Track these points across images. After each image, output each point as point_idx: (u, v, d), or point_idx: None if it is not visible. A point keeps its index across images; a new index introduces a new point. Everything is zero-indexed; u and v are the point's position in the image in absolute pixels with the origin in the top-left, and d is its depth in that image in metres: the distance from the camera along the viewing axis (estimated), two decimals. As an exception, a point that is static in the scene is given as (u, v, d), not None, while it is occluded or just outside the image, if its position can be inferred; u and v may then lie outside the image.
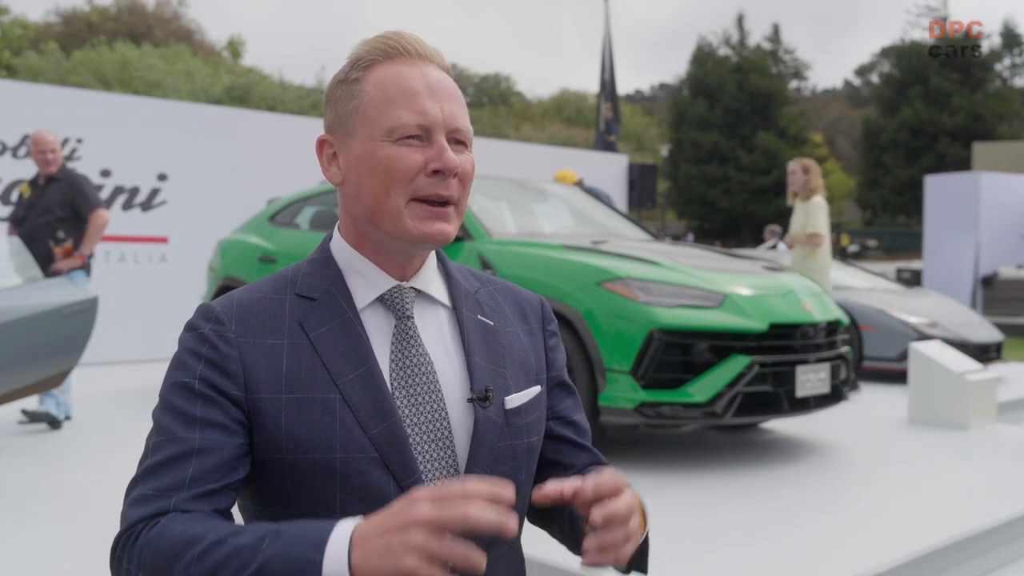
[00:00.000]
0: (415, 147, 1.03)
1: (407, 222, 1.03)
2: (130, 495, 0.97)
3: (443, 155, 1.02)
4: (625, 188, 13.07)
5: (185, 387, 0.99)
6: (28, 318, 4.23)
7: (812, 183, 6.59)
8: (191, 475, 0.95)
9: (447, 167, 1.02)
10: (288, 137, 9.64)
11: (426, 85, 1.04)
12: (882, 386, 7.40)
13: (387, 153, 1.02)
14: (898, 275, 19.81)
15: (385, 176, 1.02)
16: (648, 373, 3.97)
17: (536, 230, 5.16)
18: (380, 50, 1.06)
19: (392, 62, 1.05)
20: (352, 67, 1.07)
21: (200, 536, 0.89)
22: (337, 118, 1.08)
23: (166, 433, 0.98)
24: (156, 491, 0.95)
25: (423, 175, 1.03)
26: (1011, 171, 18.84)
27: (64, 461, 4.53)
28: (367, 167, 1.03)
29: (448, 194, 1.04)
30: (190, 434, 0.97)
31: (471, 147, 1.09)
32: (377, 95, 1.04)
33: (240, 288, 1.09)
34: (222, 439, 0.97)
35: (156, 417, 1.01)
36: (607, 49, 14.66)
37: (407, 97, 1.03)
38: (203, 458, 0.96)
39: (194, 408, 0.98)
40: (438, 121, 1.03)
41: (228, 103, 31.90)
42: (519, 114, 53.04)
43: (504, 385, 1.10)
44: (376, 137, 1.03)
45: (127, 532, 0.94)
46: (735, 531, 3.30)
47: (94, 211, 5.46)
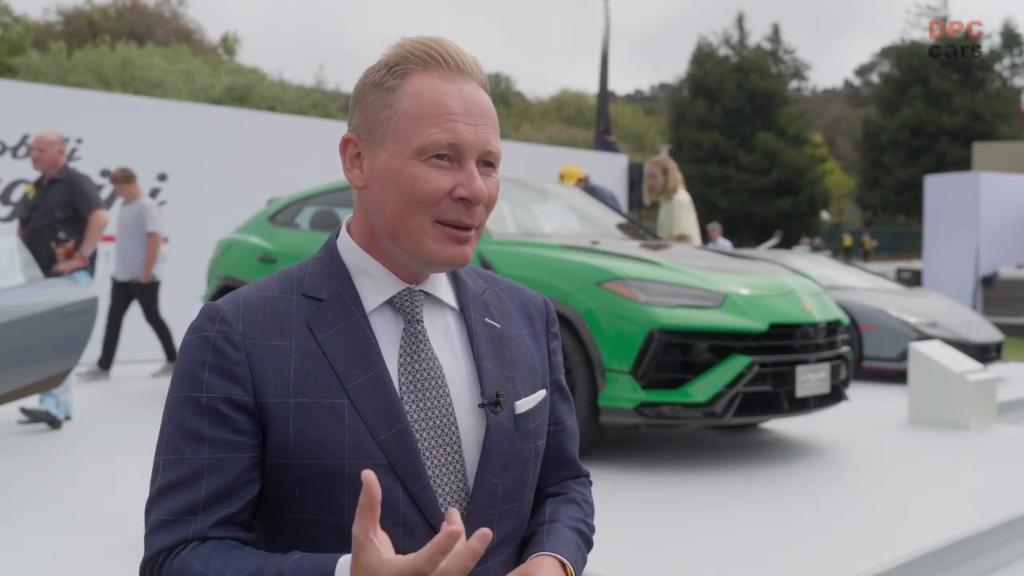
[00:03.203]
0: (444, 169, 1.00)
1: (429, 244, 1.01)
2: (149, 518, 0.99)
3: (472, 183, 1.00)
4: (625, 188, 13.07)
5: (192, 402, 0.99)
6: (28, 318, 4.23)
7: (671, 182, 6.33)
8: (204, 497, 0.96)
9: (475, 196, 1.00)
10: (288, 137, 9.64)
11: (463, 105, 1.01)
12: (882, 386, 7.40)
13: (415, 172, 0.99)
14: (898, 275, 19.82)
15: (410, 195, 1.00)
16: (648, 373, 3.97)
17: (536, 230, 5.16)
18: (419, 57, 1.02)
19: (430, 73, 1.02)
20: (389, 71, 1.03)
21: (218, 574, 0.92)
22: (367, 123, 1.04)
23: (175, 452, 0.98)
24: (173, 515, 0.96)
25: (449, 199, 1.00)
26: (1011, 171, 18.85)
27: (64, 461, 4.53)
28: (392, 183, 1.01)
29: (471, 221, 1.02)
30: (198, 454, 0.97)
31: (498, 167, 1.06)
32: (412, 109, 1.00)
33: (245, 286, 1.07)
34: (231, 456, 0.97)
35: (164, 430, 1.01)
36: (607, 49, 14.66)
37: (442, 116, 0.99)
38: (214, 478, 0.97)
39: (202, 426, 0.98)
40: (471, 144, 1.00)
41: (228, 103, 31.88)
42: (519, 114, 53.03)
43: (513, 390, 1.09)
44: (405, 153, 1.00)
45: (151, 561, 0.97)
46: (735, 531, 3.30)
47: (93, 212, 5.46)
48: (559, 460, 1.21)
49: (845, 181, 52.78)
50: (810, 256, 9.56)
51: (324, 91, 44.82)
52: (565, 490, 1.21)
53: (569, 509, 1.17)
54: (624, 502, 3.62)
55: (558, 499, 1.18)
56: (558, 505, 1.17)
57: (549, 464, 1.20)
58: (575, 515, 1.16)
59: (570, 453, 1.23)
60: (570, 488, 1.21)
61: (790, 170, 42.68)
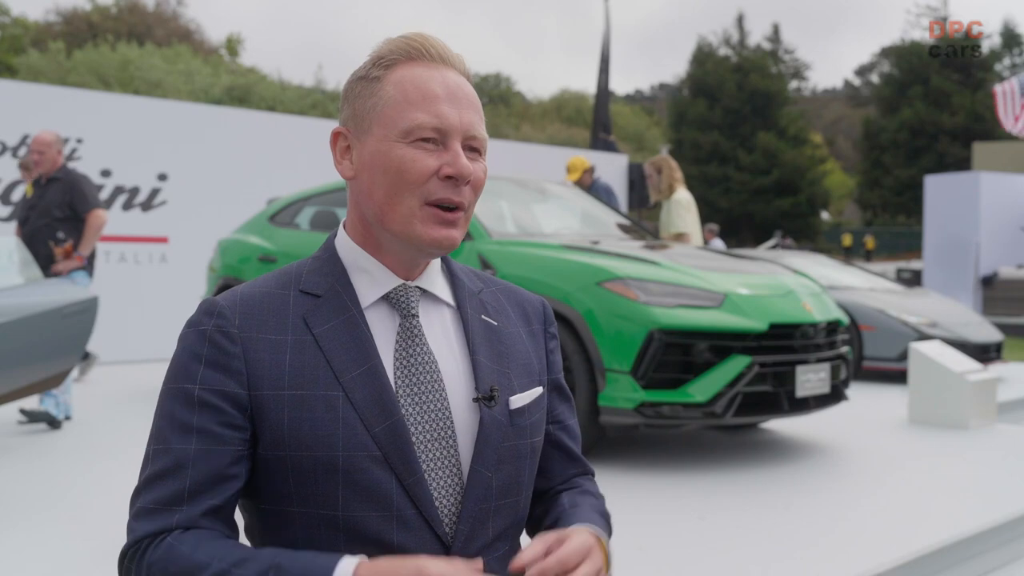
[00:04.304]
0: (429, 151, 1.02)
1: (416, 226, 1.03)
2: (134, 505, 0.99)
3: (457, 161, 1.02)
4: (625, 188, 13.07)
5: (184, 393, 1.00)
6: (28, 318, 4.23)
7: (666, 181, 6.28)
8: (189, 488, 0.96)
9: (460, 173, 1.02)
10: (288, 137, 9.64)
11: (446, 89, 1.04)
12: (882, 386, 7.40)
13: (401, 154, 1.02)
14: (898, 275, 19.83)
15: (398, 177, 1.02)
16: (648, 373, 3.97)
17: (536, 230, 5.16)
18: (403, 50, 1.05)
19: (414, 63, 1.05)
20: (373, 65, 1.07)
21: (204, 565, 0.92)
22: (354, 114, 1.07)
23: (163, 442, 0.99)
24: (157, 504, 0.96)
25: (436, 179, 1.03)
26: (1011, 171, 18.86)
27: (64, 461, 4.53)
28: (380, 167, 1.03)
29: (459, 200, 1.04)
30: (185, 444, 0.98)
31: (485, 156, 1.08)
32: (396, 95, 1.03)
33: (243, 283, 1.09)
34: (218, 449, 0.98)
35: (155, 421, 1.02)
36: (607, 49, 14.64)
37: (426, 100, 1.02)
38: (199, 468, 0.97)
39: (191, 417, 0.99)
40: (455, 126, 1.03)
41: (228, 103, 31.89)
42: (519, 114, 53.04)
43: (508, 385, 1.10)
44: (391, 137, 1.03)
45: (134, 546, 0.96)
46: (735, 531, 3.30)
47: (91, 211, 5.45)
48: (565, 459, 1.23)
49: (845, 181, 52.76)
50: (810, 256, 9.55)
51: (324, 91, 44.83)
52: (576, 485, 1.23)
53: (586, 498, 1.19)
54: (624, 502, 3.62)
55: (573, 491, 1.20)
56: (574, 496, 1.19)
57: (555, 464, 1.22)
58: (593, 503, 1.18)
59: (575, 451, 1.24)
60: (580, 483, 1.23)
61: (790, 170, 42.66)
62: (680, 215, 6.26)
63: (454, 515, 1.03)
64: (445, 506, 1.02)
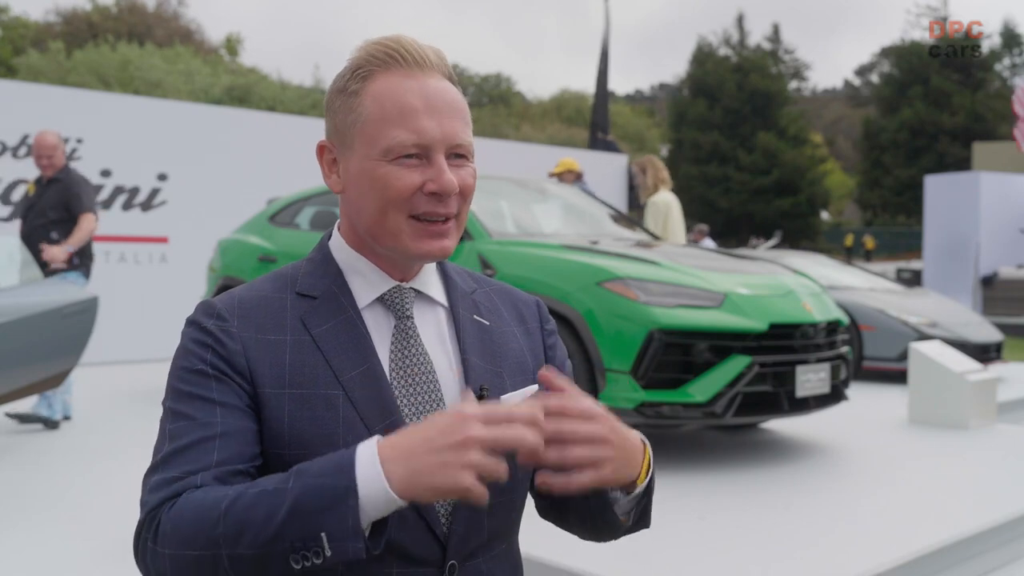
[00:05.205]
0: (412, 167, 1.02)
1: (406, 240, 1.04)
2: (150, 481, 0.96)
3: (441, 177, 1.02)
4: (625, 188, 13.07)
5: (197, 372, 0.99)
6: (28, 318, 4.23)
7: (651, 181, 6.26)
8: (216, 459, 0.95)
9: (444, 190, 1.02)
10: (288, 137, 9.63)
11: (424, 100, 1.02)
12: (882, 386, 7.40)
13: (384, 173, 1.02)
14: (898, 275, 19.84)
15: (382, 195, 1.02)
16: (648, 373, 3.97)
17: (536, 230, 5.16)
18: (379, 58, 1.04)
19: (390, 73, 1.03)
20: (351, 76, 1.05)
21: (222, 496, 0.89)
22: (336, 129, 1.07)
23: (185, 418, 0.97)
24: (181, 474, 0.94)
25: (421, 194, 1.02)
26: (1011, 171, 18.85)
27: (64, 461, 4.53)
28: (366, 185, 1.03)
29: (447, 211, 1.04)
30: (210, 417, 0.97)
31: (472, 158, 1.08)
32: (375, 112, 1.02)
33: (239, 287, 1.09)
34: (241, 421, 0.98)
35: (169, 405, 1.00)
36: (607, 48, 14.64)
37: (404, 116, 1.01)
38: (227, 440, 0.96)
39: (210, 391, 0.98)
40: (436, 139, 1.02)
41: (228, 103, 31.89)
42: (519, 114, 53.03)
43: (500, 384, 1.10)
44: (373, 156, 1.02)
45: (150, 515, 0.93)
46: (735, 531, 3.30)
47: (83, 214, 5.39)
48: None
49: (845, 181, 52.76)
50: (810, 256, 9.55)
51: (323, 91, 44.49)
52: None
53: None
54: (624, 502, 3.62)
55: None
56: None
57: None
58: None
59: None
60: None
61: (790, 170, 42.64)
62: (654, 217, 6.23)
63: (450, 514, 1.03)
64: (441, 505, 1.03)
